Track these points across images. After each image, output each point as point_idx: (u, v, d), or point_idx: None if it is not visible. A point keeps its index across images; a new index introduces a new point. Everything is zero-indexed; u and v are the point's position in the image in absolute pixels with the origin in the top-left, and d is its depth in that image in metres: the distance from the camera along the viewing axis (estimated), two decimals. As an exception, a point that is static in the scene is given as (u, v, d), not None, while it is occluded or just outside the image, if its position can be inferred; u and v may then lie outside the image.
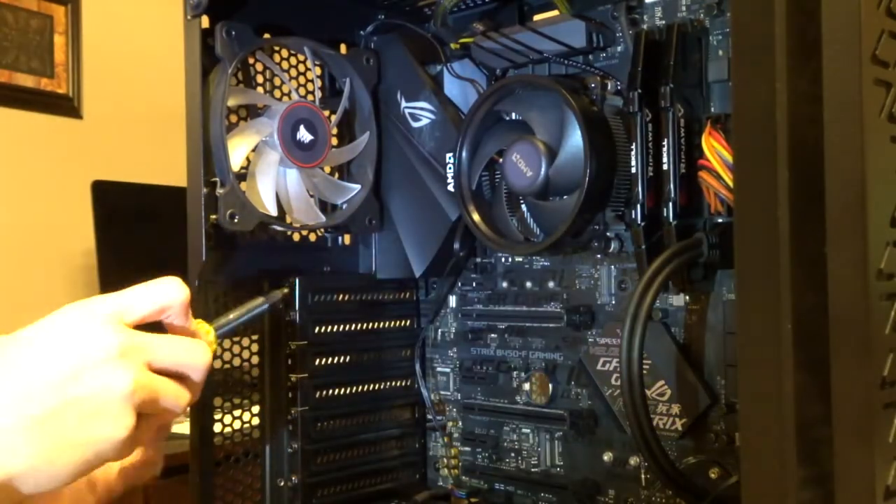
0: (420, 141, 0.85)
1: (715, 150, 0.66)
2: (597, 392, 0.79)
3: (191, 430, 0.77)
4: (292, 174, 0.82)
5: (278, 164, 0.80)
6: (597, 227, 0.75)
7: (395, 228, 0.87)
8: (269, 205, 0.79)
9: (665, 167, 0.68)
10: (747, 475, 0.47)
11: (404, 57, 0.86)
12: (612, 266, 0.78)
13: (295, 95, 0.84)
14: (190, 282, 0.72)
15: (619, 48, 0.76)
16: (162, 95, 2.23)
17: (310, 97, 0.85)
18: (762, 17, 0.46)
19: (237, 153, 0.78)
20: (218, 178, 0.76)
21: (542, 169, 0.74)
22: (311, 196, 0.83)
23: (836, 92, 0.45)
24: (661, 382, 0.73)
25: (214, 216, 0.75)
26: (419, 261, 0.86)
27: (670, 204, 0.68)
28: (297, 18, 0.83)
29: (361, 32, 0.88)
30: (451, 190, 0.81)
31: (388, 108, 0.87)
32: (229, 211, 0.76)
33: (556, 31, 0.76)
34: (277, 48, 0.84)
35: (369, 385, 0.88)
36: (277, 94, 0.84)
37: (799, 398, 0.45)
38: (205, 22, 0.76)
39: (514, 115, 0.79)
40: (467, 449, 0.89)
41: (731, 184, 0.64)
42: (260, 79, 0.83)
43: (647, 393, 0.72)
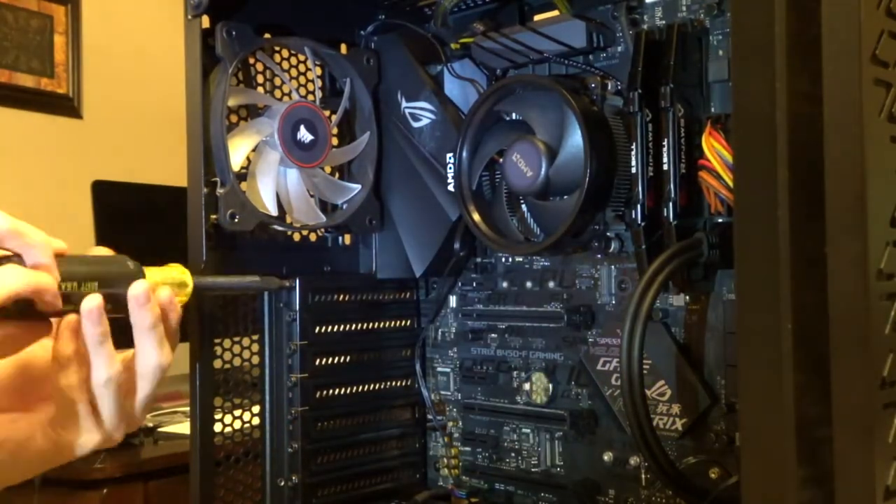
0: (420, 141, 0.85)
1: (715, 150, 0.66)
2: (597, 392, 0.79)
3: (191, 430, 0.77)
4: (292, 174, 0.82)
5: (278, 163, 0.80)
6: (597, 227, 0.75)
7: (395, 228, 0.87)
8: (269, 205, 0.79)
9: (665, 167, 0.68)
10: (747, 475, 0.47)
11: (405, 57, 0.86)
12: (613, 266, 0.78)
13: (295, 95, 0.84)
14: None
15: (620, 48, 0.76)
16: (162, 95, 2.24)
17: (310, 97, 0.85)
18: (762, 17, 0.46)
19: (237, 153, 0.78)
20: (218, 178, 0.76)
21: (543, 169, 0.74)
22: (312, 196, 0.83)
23: (836, 92, 0.45)
24: (662, 382, 0.73)
25: (215, 216, 0.75)
26: (419, 261, 0.86)
27: (670, 204, 0.68)
28: (298, 18, 0.83)
29: (362, 32, 0.88)
30: (452, 190, 0.81)
31: (389, 108, 0.87)
32: (229, 211, 0.76)
33: (557, 31, 0.76)
34: (278, 48, 0.84)
35: (369, 385, 0.88)
36: (278, 94, 0.84)
37: (799, 398, 0.45)
38: (205, 22, 0.76)
39: (514, 115, 0.79)
40: (467, 449, 0.89)
41: (731, 184, 0.64)
42: (260, 79, 0.83)
43: (648, 393, 0.72)
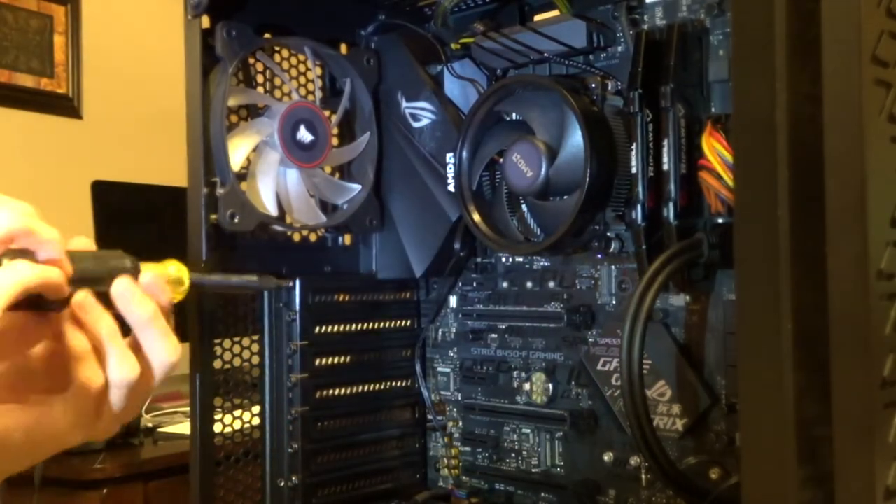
0: (420, 141, 0.85)
1: (715, 150, 0.66)
2: (597, 392, 0.79)
3: (191, 430, 0.77)
4: (293, 174, 0.82)
5: (279, 164, 0.80)
6: (597, 227, 0.75)
7: (395, 228, 0.87)
8: (269, 205, 0.79)
9: (665, 167, 0.68)
10: (747, 475, 0.47)
11: (405, 57, 0.86)
12: (613, 266, 0.78)
13: (295, 95, 0.84)
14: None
15: (620, 48, 0.76)
16: (162, 95, 2.23)
17: (310, 97, 0.85)
18: (762, 17, 0.46)
19: (237, 153, 0.78)
20: (218, 178, 0.76)
21: (543, 169, 0.74)
22: (312, 196, 0.83)
23: (836, 92, 0.45)
24: (662, 383, 0.73)
25: (215, 216, 0.75)
26: (420, 261, 0.86)
27: (671, 204, 0.68)
28: (298, 18, 0.83)
29: (362, 32, 0.88)
30: (452, 190, 0.81)
31: (389, 109, 0.87)
32: (229, 211, 0.76)
33: (557, 31, 0.76)
34: (278, 48, 0.84)
35: (370, 385, 0.88)
36: (278, 94, 0.84)
37: (799, 398, 0.45)
38: (205, 22, 0.76)
39: (514, 115, 0.79)
40: (467, 449, 0.89)
41: (731, 184, 0.64)
42: (260, 79, 0.83)
43: (648, 393, 0.72)
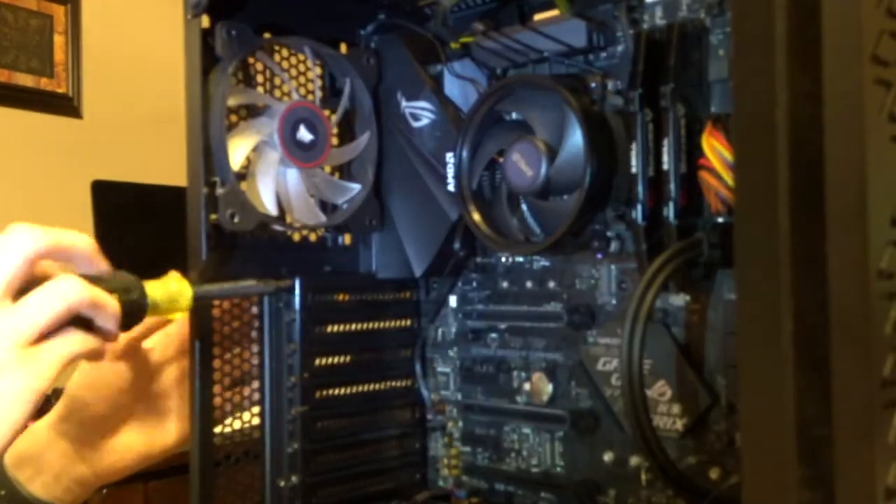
0: (420, 141, 0.85)
1: (715, 149, 0.66)
2: (597, 392, 0.78)
3: (191, 429, 0.77)
4: (292, 174, 0.82)
5: (278, 163, 0.80)
6: (597, 227, 0.75)
7: (395, 228, 0.87)
8: (269, 205, 0.79)
9: (665, 167, 0.68)
10: (747, 475, 0.47)
11: (405, 57, 0.86)
12: (613, 266, 0.78)
13: (295, 95, 0.84)
14: (190, 282, 0.72)
15: (620, 48, 0.76)
16: (162, 95, 2.23)
17: (310, 97, 0.85)
18: (762, 16, 0.46)
19: (237, 153, 0.78)
20: (218, 178, 0.76)
21: (543, 169, 0.74)
22: (312, 196, 0.83)
23: (836, 92, 0.45)
24: (662, 382, 0.73)
25: (214, 216, 0.75)
26: (419, 261, 0.86)
27: (671, 204, 0.68)
28: (298, 18, 0.83)
29: (362, 32, 0.88)
30: (452, 190, 0.81)
31: (389, 108, 0.87)
32: (229, 211, 0.76)
33: (557, 30, 0.76)
34: (278, 48, 0.84)
35: (369, 385, 0.88)
36: (277, 93, 0.84)
37: (799, 398, 0.45)
38: (205, 21, 0.76)
39: (514, 114, 0.79)
40: (467, 449, 0.89)
41: (731, 183, 0.64)
42: (260, 78, 0.83)
43: (648, 393, 0.72)
